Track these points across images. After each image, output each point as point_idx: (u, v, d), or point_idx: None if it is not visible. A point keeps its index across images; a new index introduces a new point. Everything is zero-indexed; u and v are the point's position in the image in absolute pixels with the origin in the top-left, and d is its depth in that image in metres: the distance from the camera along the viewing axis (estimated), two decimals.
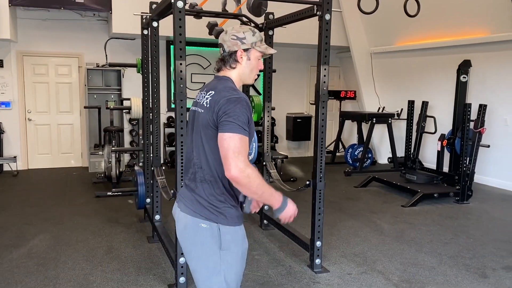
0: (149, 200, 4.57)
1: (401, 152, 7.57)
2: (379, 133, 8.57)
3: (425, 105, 6.92)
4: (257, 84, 8.45)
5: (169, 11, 3.43)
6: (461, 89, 6.49)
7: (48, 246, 4.05)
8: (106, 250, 3.97)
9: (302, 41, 7.92)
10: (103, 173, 6.64)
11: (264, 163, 4.56)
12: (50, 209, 5.26)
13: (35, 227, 4.57)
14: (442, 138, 6.51)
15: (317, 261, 3.56)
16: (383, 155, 8.71)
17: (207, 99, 1.79)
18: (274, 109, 5.12)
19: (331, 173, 7.48)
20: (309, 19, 3.65)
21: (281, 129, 9.29)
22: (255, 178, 1.66)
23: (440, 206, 5.58)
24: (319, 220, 3.53)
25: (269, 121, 4.59)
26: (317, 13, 3.33)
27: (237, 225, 1.81)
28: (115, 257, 3.79)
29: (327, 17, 3.30)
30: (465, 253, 4.01)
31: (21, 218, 4.88)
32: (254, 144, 4.43)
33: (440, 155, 6.61)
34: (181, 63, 2.95)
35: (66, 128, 7.96)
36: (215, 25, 4.40)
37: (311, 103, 8.97)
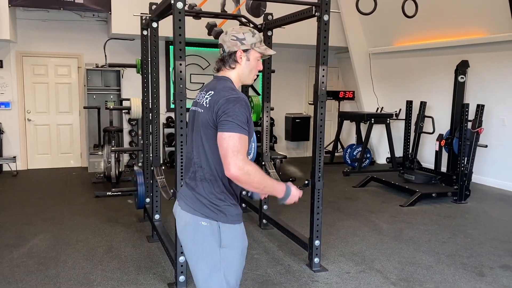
0: (148, 200, 4.59)
1: (399, 152, 7.59)
2: (378, 133, 8.59)
3: (423, 105, 6.95)
4: (256, 84, 8.49)
5: (168, 12, 3.45)
6: (459, 89, 6.52)
7: (48, 245, 4.06)
8: (106, 249, 3.99)
9: (300, 42, 7.93)
10: (102, 173, 6.65)
11: (263, 163, 4.58)
12: (50, 209, 5.28)
13: (35, 226, 4.59)
14: (440, 138, 6.54)
15: (316, 260, 3.59)
16: (382, 155, 8.74)
17: (206, 99, 1.81)
18: (273, 109, 5.15)
19: (330, 173, 7.51)
20: (308, 20, 3.67)
21: (280, 130, 9.31)
22: (255, 174, 1.68)
23: (438, 205, 5.61)
24: (318, 219, 3.55)
25: (268, 121, 4.61)
26: (316, 14, 3.35)
27: (237, 223, 1.83)
28: (115, 256, 3.81)
29: (326, 18, 3.32)
30: (463, 252, 4.04)
31: (21, 218, 4.90)
32: (253, 144, 4.46)
33: (438, 155, 6.63)
34: (180, 64, 2.97)
35: (65, 128, 7.97)
36: (214, 25, 4.42)
37: (309, 104, 8.99)
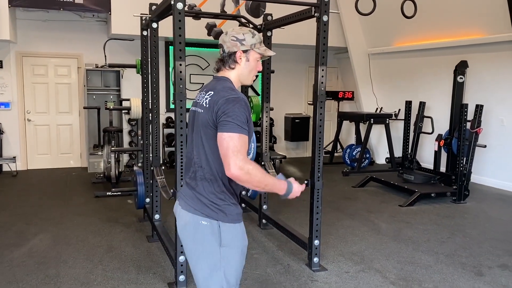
0: (148, 200, 4.60)
1: (398, 152, 7.62)
2: (377, 133, 8.61)
3: (422, 105, 6.97)
4: (256, 84, 8.50)
5: (168, 13, 3.47)
6: (458, 89, 6.53)
7: (48, 245, 4.07)
8: (106, 249, 4.00)
9: (300, 42, 7.95)
10: (102, 173, 6.66)
11: (262, 163, 4.59)
12: (50, 209, 5.29)
13: (35, 226, 4.60)
14: (439, 138, 6.55)
15: (315, 260, 3.60)
16: (381, 155, 8.75)
17: (206, 99, 1.82)
18: (272, 109, 5.15)
19: (329, 173, 7.52)
20: (308, 20, 3.68)
21: (279, 130, 9.33)
22: (255, 173, 1.70)
23: (437, 205, 5.62)
24: (317, 219, 3.57)
25: (267, 122, 4.63)
26: (315, 14, 3.36)
27: (237, 222, 1.85)
28: (115, 256, 3.83)
29: (325, 18, 3.34)
30: (462, 251, 4.05)
31: (21, 218, 4.91)
32: (252, 144, 4.46)
33: (437, 155, 6.65)
34: (180, 64, 2.99)
35: (65, 128, 7.98)
36: (214, 26, 4.44)
37: (309, 104, 9.00)
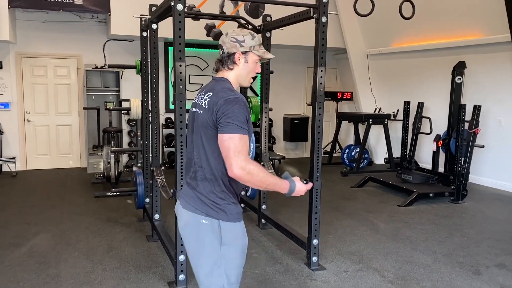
0: (148, 200, 4.62)
1: (397, 152, 7.65)
2: (376, 134, 8.64)
3: (420, 106, 6.99)
4: (255, 85, 8.52)
5: (168, 14, 3.49)
6: (456, 90, 6.56)
7: (48, 245, 4.09)
8: (106, 249, 4.02)
9: (299, 43, 7.97)
10: (102, 173, 6.68)
11: (262, 163, 4.61)
12: (49, 209, 5.31)
13: (35, 226, 4.62)
14: (437, 138, 6.58)
15: (314, 259, 3.62)
16: (380, 156, 8.79)
17: (205, 100, 1.85)
18: (271, 110, 5.19)
19: (328, 173, 7.55)
20: (306, 21, 3.70)
21: (278, 130, 9.35)
22: (257, 173, 1.72)
23: (435, 205, 5.65)
24: (316, 218, 3.59)
25: (266, 122, 4.65)
26: (314, 15, 3.38)
27: (237, 221, 1.87)
28: (115, 256, 3.85)
29: (324, 19, 3.36)
30: (459, 251, 4.08)
31: (21, 218, 4.93)
32: (252, 144, 4.47)
33: (435, 156, 6.67)
34: (180, 65, 3.01)
35: (64, 129, 7.99)
36: (213, 27, 4.46)
37: (308, 104, 9.03)
